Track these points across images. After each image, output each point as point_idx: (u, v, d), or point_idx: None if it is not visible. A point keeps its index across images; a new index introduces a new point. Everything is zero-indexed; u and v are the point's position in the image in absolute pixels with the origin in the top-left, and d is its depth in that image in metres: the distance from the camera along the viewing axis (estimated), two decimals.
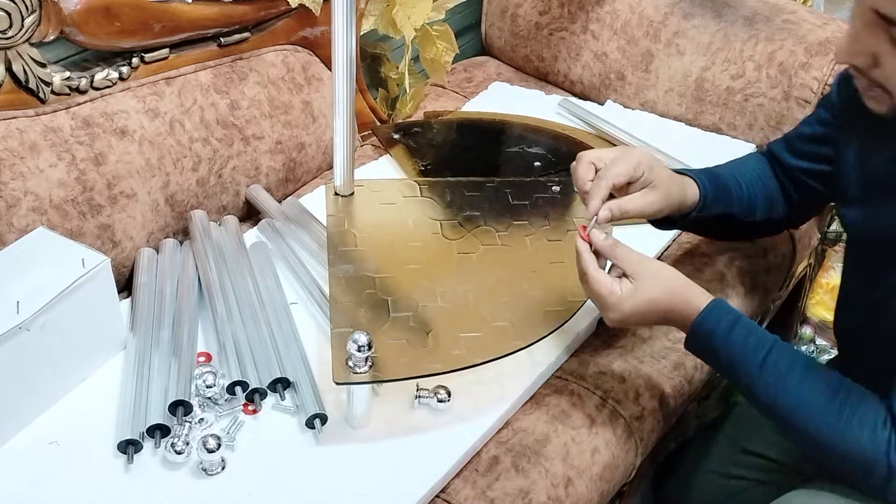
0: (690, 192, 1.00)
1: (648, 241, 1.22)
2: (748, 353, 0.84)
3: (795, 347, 0.90)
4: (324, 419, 0.91)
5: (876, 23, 0.72)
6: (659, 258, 1.22)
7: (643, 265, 0.88)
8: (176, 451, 0.87)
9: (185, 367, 0.94)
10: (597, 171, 0.93)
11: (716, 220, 1.04)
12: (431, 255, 1.05)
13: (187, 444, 0.87)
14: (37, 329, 0.87)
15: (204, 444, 0.85)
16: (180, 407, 0.91)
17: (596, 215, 0.90)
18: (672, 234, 1.25)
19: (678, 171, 1.00)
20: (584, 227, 0.90)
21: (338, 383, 0.86)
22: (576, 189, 0.96)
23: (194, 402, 0.92)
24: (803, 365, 0.83)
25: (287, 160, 1.31)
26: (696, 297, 0.88)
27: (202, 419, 0.92)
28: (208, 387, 0.92)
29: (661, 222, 1.03)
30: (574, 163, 0.96)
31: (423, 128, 1.43)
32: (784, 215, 1.09)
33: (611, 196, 0.92)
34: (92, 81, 1.09)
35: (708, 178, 1.02)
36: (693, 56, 1.48)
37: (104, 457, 0.88)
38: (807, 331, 1.78)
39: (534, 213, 1.13)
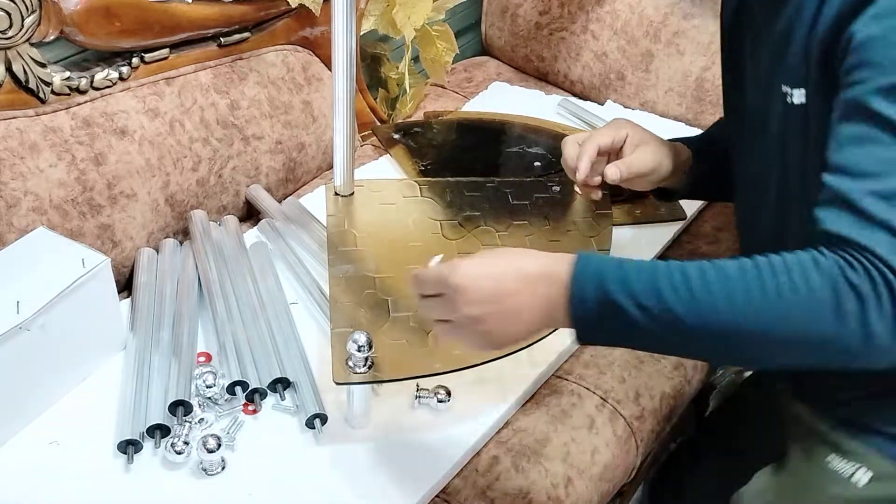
0: (682, 151, 0.99)
1: (648, 241, 1.22)
2: (651, 287, 0.66)
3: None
4: (324, 419, 0.91)
5: None
6: (659, 258, 1.22)
7: (491, 251, 0.74)
8: (176, 451, 0.87)
9: (185, 367, 0.94)
10: None
11: (712, 175, 1.01)
12: (431, 255, 1.05)
13: (187, 444, 0.87)
14: (37, 329, 0.87)
15: (204, 444, 0.85)
16: (180, 407, 0.91)
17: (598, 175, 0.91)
18: (672, 233, 1.25)
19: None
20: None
21: (338, 383, 0.86)
22: (566, 170, 0.97)
23: (194, 402, 0.92)
24: (713, 268, 0.66)
25: (287, 160, 1.31)
26: (556, 261, 0.71)
27: (202, 419, 0.92)
28: (208, 387, 0.93)
29: (664, 194, 1.03)
30: (562, 151, 0.97)
31: (423, 128, 1.43)
32: None
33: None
34: (92, 81, 1.09)
35: (696, 138, 1.03)
36: (693, 56, 1.48)
37: (104, 457, 0.88)
38: None
39: (534, 213, 1.13)
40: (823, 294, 0.62)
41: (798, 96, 0.74)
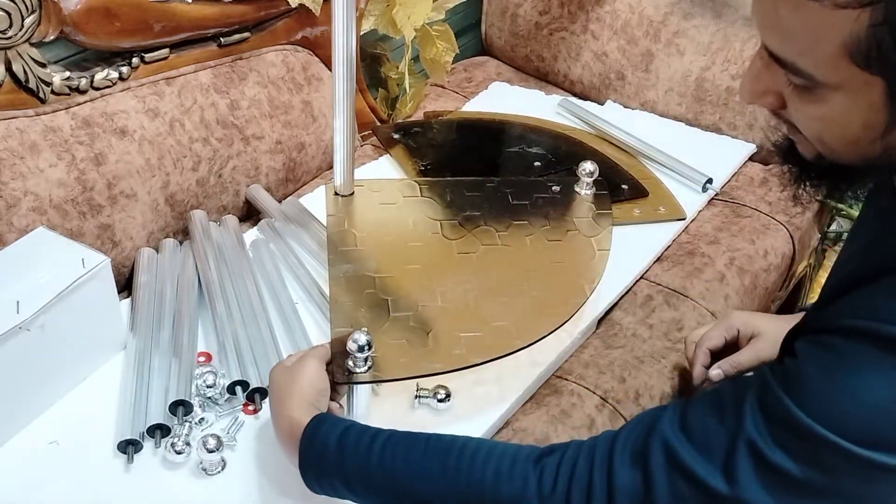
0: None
1: (648, 242, 1.23)
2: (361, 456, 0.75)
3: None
4: None
5: (773, 62, 0.63)
6: (659, 259, 1.22)
7: (300, 361, 0.84)
8: (176, 451, 0.87)
9: (185, 366, 0.94)
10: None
11: None
12: (431, 254, 1.05)
13: (188, 444, 0.87)
14: (37, 329, 0.87)
15: (204, 443, 0.85)
16: (181, 407, 0.91)
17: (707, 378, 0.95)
18: (672, 234, 1.25)
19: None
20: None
21: (337, 383, 0.86)
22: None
23: (195, 401, 0.92)
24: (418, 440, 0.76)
25: (287, 160, 1.31)
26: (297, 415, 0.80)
27: (202, 419, 0.92)
28: (209, 386, 0.93)
29: None
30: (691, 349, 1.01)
31: (423, 128, 1.43)
32: None
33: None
34: (92, 81, 1.09)
35: None
36: (693, 56, 1.48)
37: (104, 457, 0.88)
38: None
39: (534, 213, 1.13)
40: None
41: None
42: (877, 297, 0.60)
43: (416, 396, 0.95)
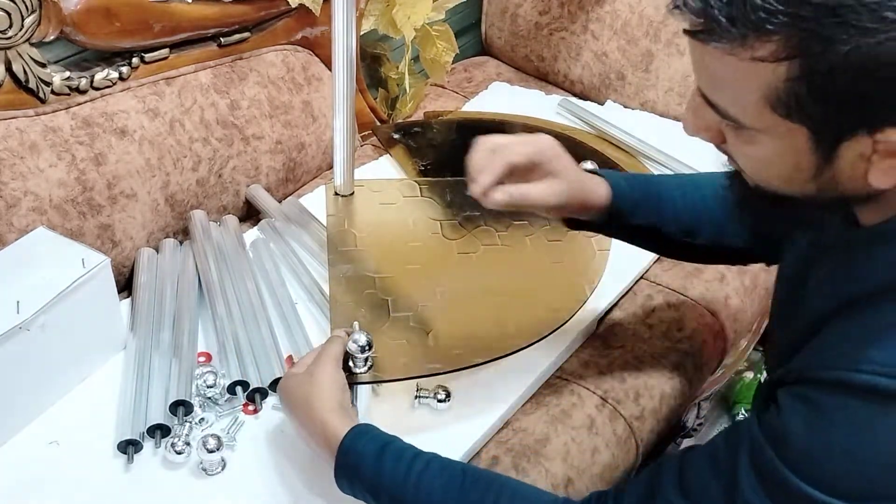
0: (598, 191, 0.88)
1: None
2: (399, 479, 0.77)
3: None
4: None
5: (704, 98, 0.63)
6: (659, 259, 1.22)
7: (315, 364, 0.85)
8: (176, 452, 0.87)
9: (185, 366, 0.94)
10: None
11: (643, 233, 0.92)
12: (431, 255, 1.05)
13: (188, 444, 0.87)
14: (37, 329, 0.87)
15: (204, 444, 0.85)
16: (181, 407, 0.91)
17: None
18: None
19: (596, 172, 0.91)
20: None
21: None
22: (467, 173, 0.84)
23: (195, 401, 0.92)
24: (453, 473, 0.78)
25: (287, 160, 1.31)
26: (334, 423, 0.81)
27: (202, 419, 0.92)
28: (209, 386, 0.92)
29: (574, 223, 0.92)
30: (470, 151, 0.84)
31: (423, 128, 1.43)
32: (746, 247, 0.93)
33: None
34: (92, 81, 1.09)
35: (630, 185, 0.90)
36: None
37: (104, 457, 0.88)
38: None
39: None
40: None
41: None
42: (845, 344, 0.61)
43: (416, 396, 0.95)
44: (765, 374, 0.85)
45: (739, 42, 0.55)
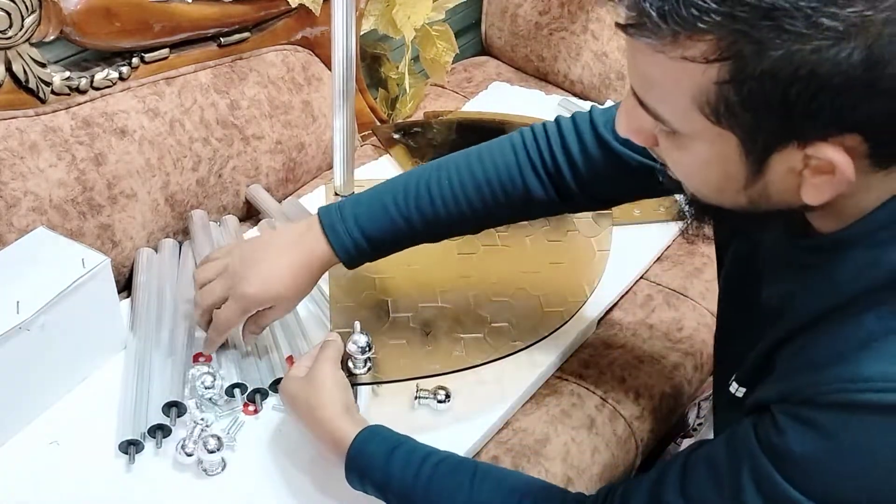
0: (315, 262, 0.89)
1: (648, 242, 1.22)
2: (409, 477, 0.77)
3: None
4: None
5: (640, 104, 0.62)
6: (659, 259, 1.22)
7: (315, 368, 0.85)
8: (186, 454, 0.86)
9: (186, 367, 0.94)
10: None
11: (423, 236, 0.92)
12: (431, 255, 1.05)
13: (196, 444, 0.87)
14: (37, 329, 0.87)
15: (204, 444, 0.85)
16: (174, 408, 0.90)
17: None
18: (672, 234, 1.25)
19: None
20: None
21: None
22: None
23: (193, 402, 0.92)
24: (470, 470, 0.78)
25: (287, 160, 1.31)
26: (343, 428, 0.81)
27: (204, 418, 0.92)
28: (207, 388, 0.92)
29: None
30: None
31: (423, 128, 1.43)
32: (549, 198, 0.90)
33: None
34: (92, 81, 1.09)
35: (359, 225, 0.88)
36: None
37: (104, 457, 0.88)
38: None
39: None
40: None
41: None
42: (835, 361, 0.59)
43: (416, 397, 0.95)
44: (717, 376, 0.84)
45: (671, 39, 0.53)
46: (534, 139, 0.90)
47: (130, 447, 0.87)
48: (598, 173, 0.87)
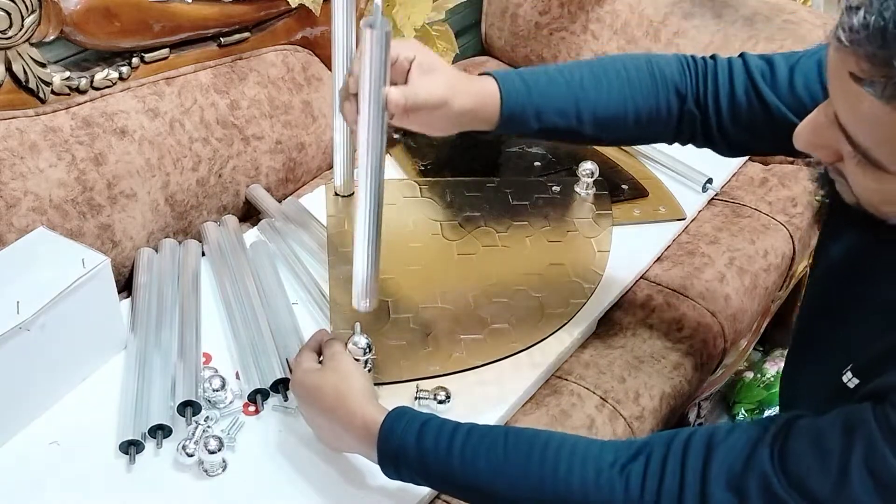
0: (487, 90, 0.87)
1: (648, 242, 1.22)
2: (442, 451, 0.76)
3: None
4: None
5: (839, 128, 0.62)
6: (659, 259, 1.22)
7: (332, 358, 0.85)
8: (187, 454, 0.86)
9: (187, 367, 0.94)
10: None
11: (556, 134, 0.89)
12: (431, 256, 1.05)
13: (197, 444, 0.87)
14: (37, 329, 0.87)
15: (205, 444, 0.85)
16: (189, 407, 0.90)
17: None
18: (672, 234, 1.25)
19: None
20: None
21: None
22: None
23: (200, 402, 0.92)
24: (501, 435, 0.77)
25: (287, 160, 1.31)
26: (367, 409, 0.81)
27: (207, 418, 0.92)
28: (215, 391, 0.92)
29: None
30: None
31: None
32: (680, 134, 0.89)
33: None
34: (92, 81, 1.09)
35: (523, 77, 0.88)
36: None
37: (105, 457, 0.88)
38: None
39: (534, 213, 1.13)
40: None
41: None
42: None
43: (416, 398, 0.95)
44: (810, 366, 0.82)
45: None
46: (687, 67, 0.87)
47: (131, 447, 0.87)
48: (740, 120, 0.85)
